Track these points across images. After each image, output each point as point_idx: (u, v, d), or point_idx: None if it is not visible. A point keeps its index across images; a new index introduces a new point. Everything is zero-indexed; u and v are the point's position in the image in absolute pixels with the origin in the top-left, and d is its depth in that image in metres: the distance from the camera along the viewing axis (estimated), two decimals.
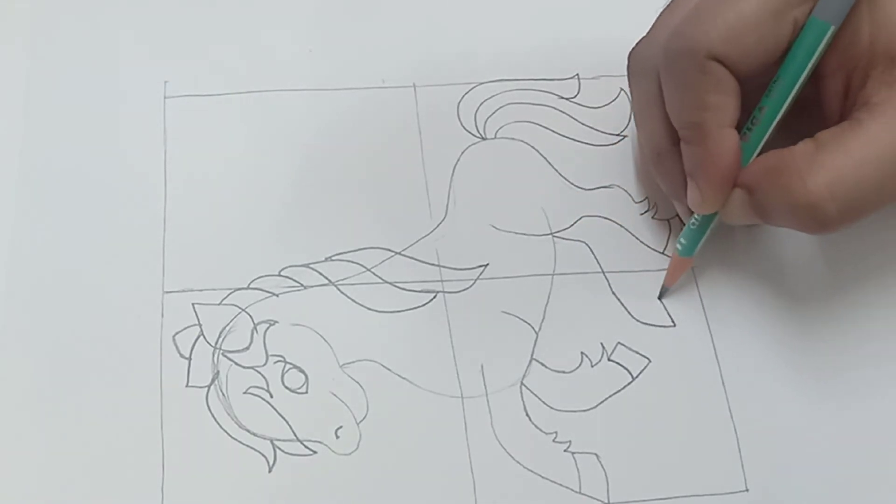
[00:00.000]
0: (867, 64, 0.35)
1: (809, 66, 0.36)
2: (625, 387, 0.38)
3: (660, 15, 0.39)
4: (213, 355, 0.38)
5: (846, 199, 0.34)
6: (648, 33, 0.39)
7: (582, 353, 0.39)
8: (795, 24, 0.35)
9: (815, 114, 0.37)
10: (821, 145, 0.35)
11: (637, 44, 0.40)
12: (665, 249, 0.41)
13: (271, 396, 0.38)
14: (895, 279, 0.41)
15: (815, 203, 0.34)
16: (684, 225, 0.39)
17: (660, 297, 0.40)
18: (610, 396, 0.38)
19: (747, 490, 0.37)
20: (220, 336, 0.39)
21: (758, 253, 0.41)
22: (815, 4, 0.35)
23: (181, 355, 0.38)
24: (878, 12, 0.35)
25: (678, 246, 0.39)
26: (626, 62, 0.40)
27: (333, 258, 0.40)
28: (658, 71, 0.38)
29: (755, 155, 0.37)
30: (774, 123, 0.36)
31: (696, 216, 0.38)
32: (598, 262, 0.41)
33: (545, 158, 0.43)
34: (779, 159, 0.36)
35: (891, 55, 0.35)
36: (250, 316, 0.39)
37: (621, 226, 0.41)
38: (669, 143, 0.38)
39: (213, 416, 0.37)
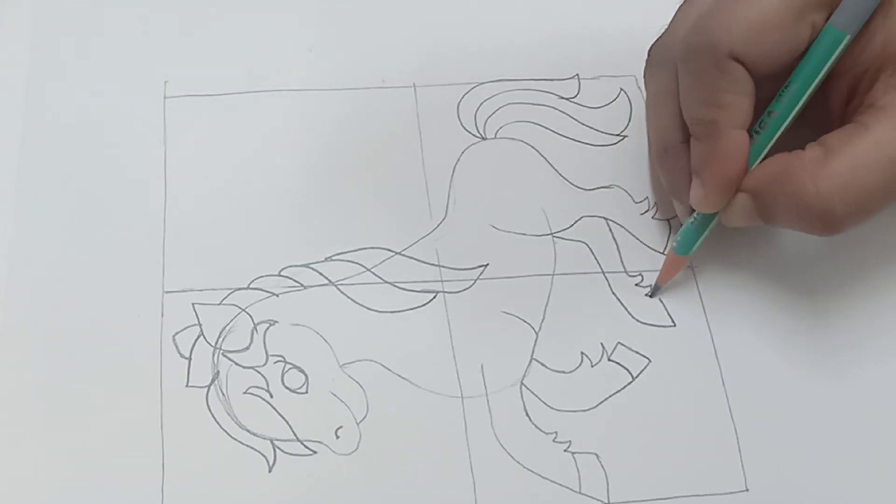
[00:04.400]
0: (877, 68, 0.35)
1: (822, 73, 0.35)
2: (625, 387, 0.38)
3: (680, 7, 0.39)
4: (213, 355, 0.38)
5: (855, 202, 0.34)
6: (669, 26, 0.39)
7: (582, 353, 0.39)
8: (814, 28, 0.35)
9: (817, 112, 0.37)
10: (829, 151, 0.35)
11: (659, 37, 0.40)
12: (665, 249, 0.41)
13: (271, 396, 0.38)
14: None
15: (826, 208, 0.34)
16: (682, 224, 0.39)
17: (651, 295, 0.40)
18: (610, 396, 0.38)
19: (747, 490, 0.37)
20: (220, 336, 0.39)
21: (758, 253, 0.41)
22: (833, 12, 0.35)
23: (181, 355, 0.38)
24: (893, 18, 0.35)
25: (674, 244, 0.39)
26: (647, 55, 0.40)
27: (333, 258, 0.40)
28: (676, 64, 0.37)
29: (760, 158, 0.37)
30: (782, 129, 0.36)
31: (695, 215, 0.38)
32: (598, 262, 0.41)
33: (545, 158, 0.43)
34: (787, 164, 0.35)
35: None
36: (250, 316, 0.39)
37: (621, 226, 0.41)
38: (678, 139, 0.38)
39: (213, 416, 0.37)
